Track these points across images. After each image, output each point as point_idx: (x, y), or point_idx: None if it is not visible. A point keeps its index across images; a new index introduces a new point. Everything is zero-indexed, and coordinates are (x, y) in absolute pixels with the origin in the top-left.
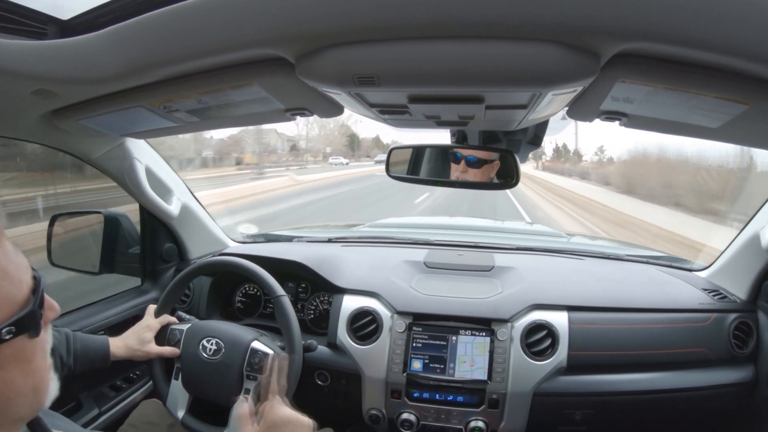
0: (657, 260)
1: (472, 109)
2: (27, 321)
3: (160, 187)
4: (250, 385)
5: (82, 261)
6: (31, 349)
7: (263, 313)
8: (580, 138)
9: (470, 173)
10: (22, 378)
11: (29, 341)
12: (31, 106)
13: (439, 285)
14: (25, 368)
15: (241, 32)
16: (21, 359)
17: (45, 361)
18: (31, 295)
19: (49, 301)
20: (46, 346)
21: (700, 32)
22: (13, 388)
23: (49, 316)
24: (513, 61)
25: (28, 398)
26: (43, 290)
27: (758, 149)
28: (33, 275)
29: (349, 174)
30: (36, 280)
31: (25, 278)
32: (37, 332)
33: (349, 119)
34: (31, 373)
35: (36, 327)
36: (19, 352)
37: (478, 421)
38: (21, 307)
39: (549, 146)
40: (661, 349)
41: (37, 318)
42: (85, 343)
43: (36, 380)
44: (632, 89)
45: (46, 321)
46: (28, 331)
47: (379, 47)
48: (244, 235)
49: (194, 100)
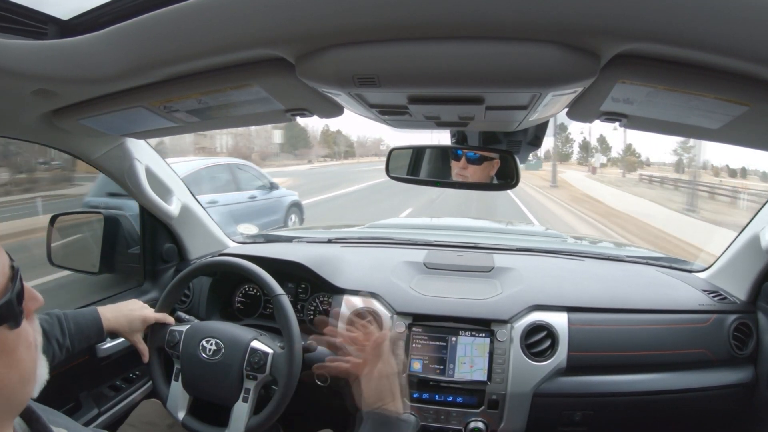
0: (657, 261)
1: (472, 109)
2: (6, 311)
3: (160, 188)
4: (250, 384)
5: (82, 261)
6: (13, 340)
7: (263, 314)
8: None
9: (470, 170)
10: (6, 370)
11: (10, 333)
12: (31, 106)
13: (438, 286)
14: (7, 360)
15: (242, 32)
16: (3, 351)
17: (30, 352)
18: (9, 283)
19: (31, 292)
20: (30, 337)
21: (701, 33)
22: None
23: (30, 307)
24: (513, 61)
25: (15, 390)
26: (21, 279)
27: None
28: (11, 264)
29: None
30: (14, 270)
31: (1, 268)
32: (17, 323)
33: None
34: (15, 365)
35: (15, 317)
36: (1, 344)
37: (478, 422)
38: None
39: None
40: (660, 350)
41: (15, 308)
42: (78, 321)
43: (21, 371)
44: (632, 90)
45: (28, 312)
46: (7, 322)
47: (380, 48)
48: (244, 235)
49: (194, 101)
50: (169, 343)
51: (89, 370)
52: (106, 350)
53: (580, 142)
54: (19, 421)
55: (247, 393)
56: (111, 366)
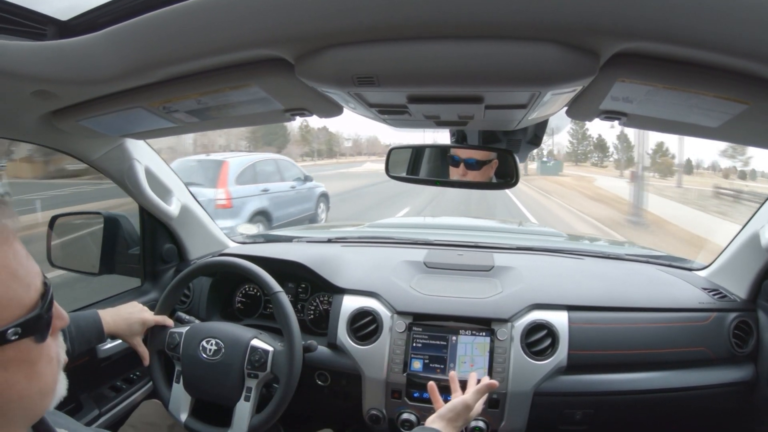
0: (657, 259)
1: (471, 109)
2: (33, 324)
3: (160, 188)
4: (251, 383)
5: (82, 262)
6: (37, 353)
7: (263, 314)
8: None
9: (470, 176)
10: (26, 381)
11: (35, 345)
12: (31, 107)
13: (439, 285)
14: (28, 372)
15: (241, 33)
16: (25, 362)
17: (50, 366)
18: (39, 299)
19: (59, 311)
20: (53, 353)
21: (700, 32)
22: (15, 390)
23: (57, 325)
24: (512, 60)
25: (34, 401)
26: (52, 297)
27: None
28: (44, 281)
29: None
30: (46, 287)
31: (35, 283)
32: (43, 337)
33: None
34: (35, 377)
35: (42, 332)
36: (24, 355)
37: (479, 421)
38: (28, 311)
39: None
40: (661, 348)
41: (43, 323)
42: (78, 323)
43: (41, 384)
44: (632, 89)
45: (54, 329)
46: (34, 335)
47: (379, 47)
48: (244, 235)
49: (194, 101)
50: (169, 346)
51: (89, 371)
52: (107, 351)
53: (595, 139)
54: None
55: (248, 392)
56: (111, 366)
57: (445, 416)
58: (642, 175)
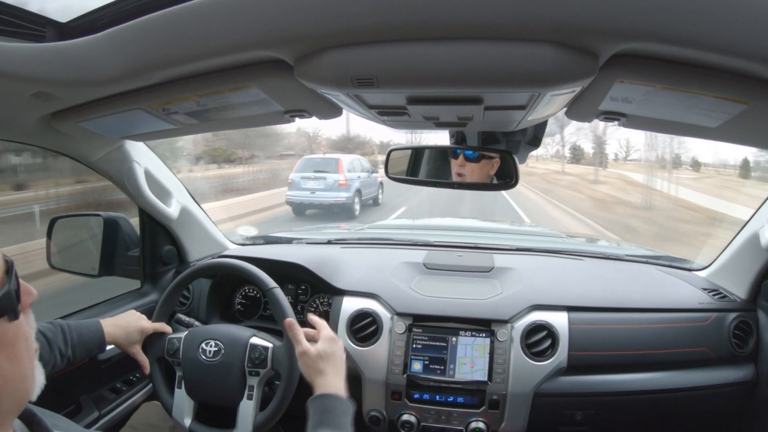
0: (656, 260)
1: (470, 110)
2: (4, 302)
3: (160, 190)
4: (253, 381)
5: (82, 264)
6: (13, 333)
7: (263, 315)
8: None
9: (468, 168)
10: (8, 364)
11: (9, 325)
12: (30, 108)
13: (438, 286)
14: (9, 354)
15: (240, 34)
16: (4, 344)
17: (28, 348)
18: (5, 276)
19: (25, 286)
20: (29, 332)
21: (699, 32)
22: (1, 375)
23: (26, 301)
24: (512, 61)
25: (18, 386)
26: (16, 273)
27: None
28: (5, 258)
29: None
30: (8, 263)
31: None
32: (15, 315)
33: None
34: (17, 359)
35: (14, 309)
36: (2, 337)
37: (479, 422)
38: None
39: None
40: (661, 348)
41: (13, 300)
42: (80, 332)
43: (22, 367)
44: (631, 89)
45: (24, 306)
46: (6, 314)
47: (378, 49)
48: (244, 237)
49: (193, 103)
50: (169, 352)
51: (89, 373)
52: (107, 353)
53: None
54: (20, 423)
55: (251, 390)
56: (111, 368)
57: (324, 371)
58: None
